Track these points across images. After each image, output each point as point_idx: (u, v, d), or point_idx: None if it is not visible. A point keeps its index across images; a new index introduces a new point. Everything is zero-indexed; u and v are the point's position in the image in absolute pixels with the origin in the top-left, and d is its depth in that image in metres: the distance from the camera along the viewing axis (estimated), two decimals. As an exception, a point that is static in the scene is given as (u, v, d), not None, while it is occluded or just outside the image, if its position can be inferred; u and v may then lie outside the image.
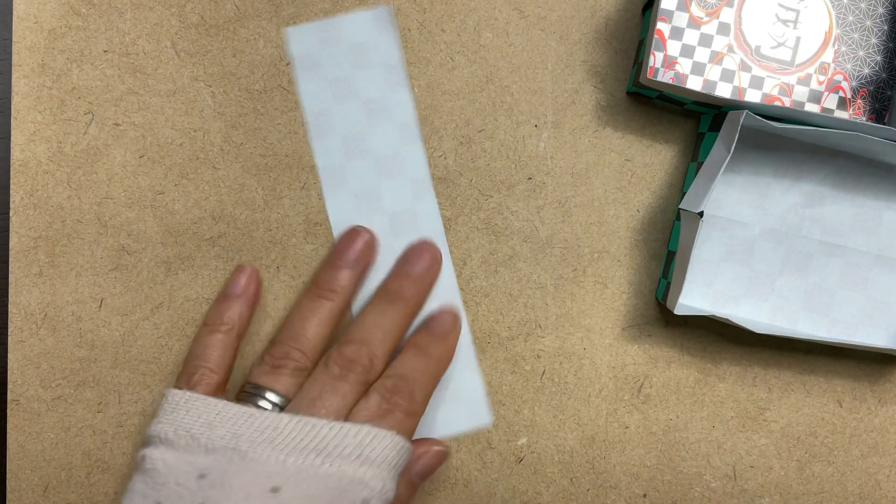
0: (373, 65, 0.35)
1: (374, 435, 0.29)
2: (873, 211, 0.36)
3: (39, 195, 0.35)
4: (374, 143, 0.35)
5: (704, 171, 0.33)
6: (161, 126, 0.36)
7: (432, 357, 0.33)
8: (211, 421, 0.29)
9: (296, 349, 0.32)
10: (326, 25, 0.35)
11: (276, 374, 0.32)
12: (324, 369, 0.31)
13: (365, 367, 0.31)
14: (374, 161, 0.35)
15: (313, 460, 0.28)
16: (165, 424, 0.30)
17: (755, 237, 0.36)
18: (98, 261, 0.36)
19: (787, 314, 0.36)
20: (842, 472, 0.37)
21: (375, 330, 0.32)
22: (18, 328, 0.35)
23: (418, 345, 0.33)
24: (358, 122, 0.35)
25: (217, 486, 0.27)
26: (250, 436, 0.28)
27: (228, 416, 0.29)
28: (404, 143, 0.35)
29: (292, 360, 0.32)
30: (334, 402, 0.30)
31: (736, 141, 0.32)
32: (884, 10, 0.34)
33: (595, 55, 0.36)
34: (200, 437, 0.29)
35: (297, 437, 0.28)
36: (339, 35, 0.35)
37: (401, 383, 0.31)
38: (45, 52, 0.35)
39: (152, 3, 0.35)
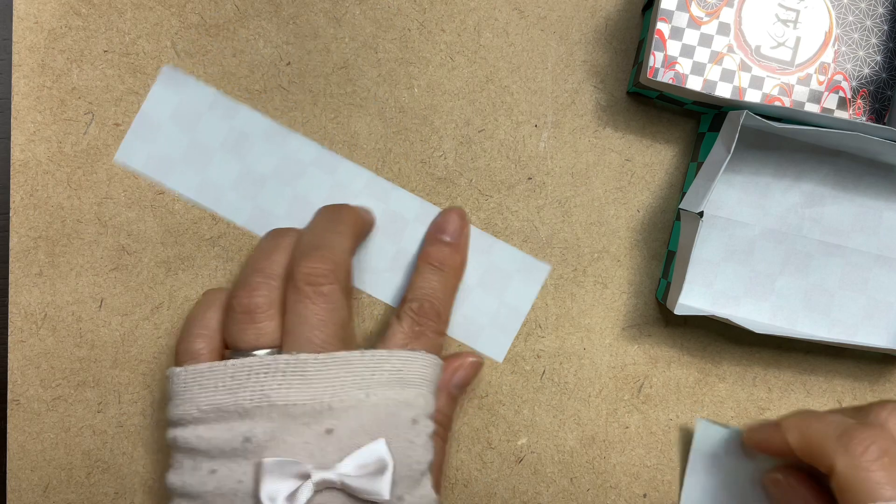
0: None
1: (406, 358, 0.30)
2: (873, 211, 0.36)
3: (39, 195, 0.35)
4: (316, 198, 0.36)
5: (704, 172, 0.33)
6: (280, 125, 0.35)
7: (448, 269, 0.34)
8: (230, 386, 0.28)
9: (262, 281, 0.30)
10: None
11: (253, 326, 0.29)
12: (295, 294, 0.29)
13: (328, 274, 0.29)
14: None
15: (356, 395, 0.28)
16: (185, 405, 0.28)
17: (755, 237, 0.36)
18: (98, 261, 0.36)
19: (787, 314, 0.36)
20: (842, 472, 0.37)
21: (325, 235, 0.31)
22: (18, 328, 0.35)
23: (433, 259, 0.34)
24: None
25: (269, 446, 0.27)
26: (279, 388, 0.28)
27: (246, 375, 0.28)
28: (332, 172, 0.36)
29: (260, 295, 0.29)
30: (328, 329, 0.29)
31: (736, 141, 0.32)
32: (884, 9, 0.34)
33: (595, 55, 0.36)
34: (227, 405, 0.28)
35: (331, 376, 0.28)
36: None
37: (426, 304, 0.32)
38: (45, 52, 0.35)
39: (152, 3, 0.35)
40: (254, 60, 0.36)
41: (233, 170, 0.35)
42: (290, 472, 0.27)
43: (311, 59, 0.36)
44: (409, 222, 0.36)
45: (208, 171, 0.35)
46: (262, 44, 0.36)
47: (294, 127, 0.36)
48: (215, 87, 0.35)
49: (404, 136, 0.36)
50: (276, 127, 0.35)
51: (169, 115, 0.35)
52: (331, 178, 0.36)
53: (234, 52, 0.36)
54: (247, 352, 0.29)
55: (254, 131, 0.35)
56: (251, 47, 0.36)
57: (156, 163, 0.35)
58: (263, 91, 0.36)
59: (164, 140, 0.35)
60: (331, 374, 0.28)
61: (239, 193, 0.35)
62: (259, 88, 0.36)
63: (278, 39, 0.36)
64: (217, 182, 0.35)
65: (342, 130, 0.36)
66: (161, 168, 0.35)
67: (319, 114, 0.36)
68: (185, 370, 0.29)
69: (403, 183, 0.36)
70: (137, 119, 0.35)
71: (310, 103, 0.36)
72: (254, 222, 0.35)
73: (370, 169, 0.36)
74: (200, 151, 0.35)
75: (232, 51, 0.36)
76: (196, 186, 0.35)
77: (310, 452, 0.27)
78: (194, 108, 0.35)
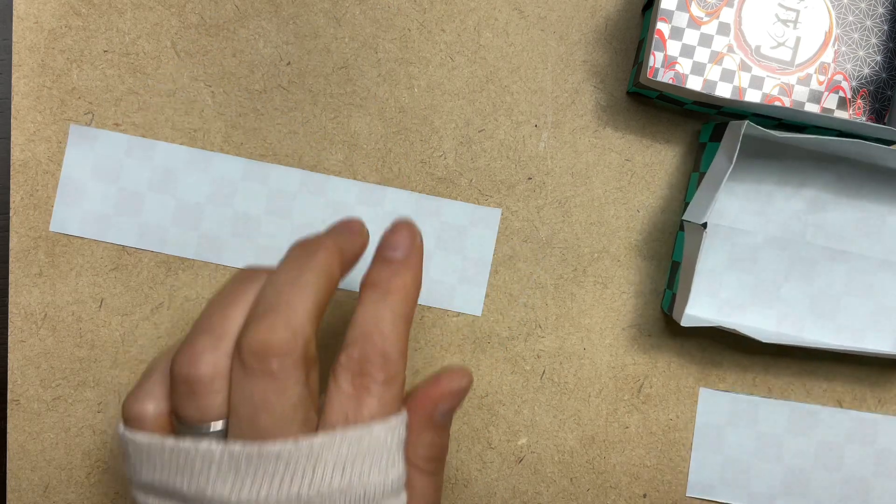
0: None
1: (356, 441, 0.24)
2: (876, 216, 0.36)
3: (39, 195, 0.35)
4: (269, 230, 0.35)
5: (707, 182, 0.33)
6: (161, 126, 0.36)
7: (396, 292, 0.26)
8: (166, 466, 0.24)
9: (208, 349, 0.25)
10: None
11: (190, 402, 0.24)
12: (241, 369, 0.24)
13: (286, 347, 0.24)
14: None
15: (292, 490, 0.23)
16: (133, 471, 0.25)
17: (759, 245, 0.36)
18: (98, 261, 0.36)
19: (793, 321, 0.36)
20: (842, 472, 0.37)
21: (286, 288, 0.25)
22: (18, 328, 0.35)
23: (375, 281, 0.26)
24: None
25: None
26: (212, 481, 0.24)
27: (181, 458, 0.24)
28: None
29: (204, 364, 0.24)
30: (282, 408, 0.24)
31: (738, 152, 0.32)
32: (884, 9, 0.34)
33: (595, 55, 0.36)
34: (167, 486, 0.24)
35: (267, 474, 0.23)
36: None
37: (368, 347, 0.25)
38: (45, 52, 0.35)
39: (152, 3, 0.35)
40: (254, 60, 0.36)
41: (168, 207, 0.35)
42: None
43: (311, 59, 0.36)
44: (353, 206, 0.36)
45: (144, 215, 0.35)
46: (262, 44, 0.36)
47: (294, 127, 0.36)
48: (125, 133, 0.35)
49: (404, 136, 0.36)
50: (196, 153, 0.35)
51: (90, 173, 0.35)
52: (264, 187, 0.36)
53: (234, 52, 0.36)
54: (191, 428, 0.25)
55: (176, 164, 0.35)
56: (251, 47, 0.36)
57: (91, 222, 0.35)
58: (263, 91, 0.36)
59: (92, 198, 0.35)
60: (266, 470, 0.23)
61: (180, 228, 0.35)
62: (259, 88, 0.36)
63: (278, 39, 0.36)
64: (156, 223, 0.35)
65: (342, 130, 0.36)
66: (97, 226, 0.35)
67: (319, 114, 0.36)
68: (128, 438, 0.25)
69: (403, 183, 0.36)
70: (61, 186, 0.35)
71: (310, 103, 0.36)
72: (204, 252, 0.35)
73: (373, 169, 0.36)
74: (131, 199, 0.35)
75: (232, 51, 0.36)
76: (136, 234, 0.35)
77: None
78: (112, 158, 0.35)
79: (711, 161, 0.33)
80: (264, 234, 0.36)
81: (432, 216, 0.36)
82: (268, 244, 0.36)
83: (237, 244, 0.35)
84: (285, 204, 0.36)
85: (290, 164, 0.36)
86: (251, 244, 0.36)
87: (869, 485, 0.36)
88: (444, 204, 0.36)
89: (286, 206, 0.36)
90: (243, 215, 0.36)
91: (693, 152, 0.37)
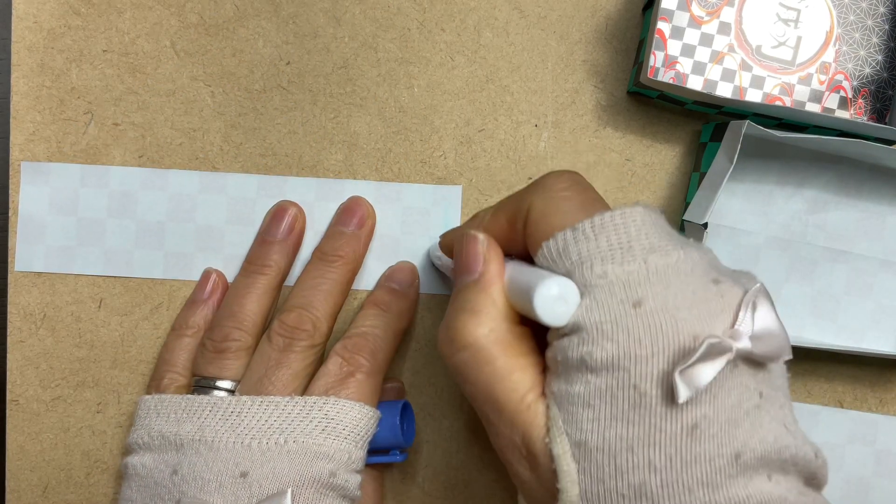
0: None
1: (337, 407, 0.29)
2: (877, 216, 0.36)
3: (39, 195, 0.35)
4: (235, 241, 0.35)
5: (707, 183, 0.33)
6: (160, 126, 0.35)
7: (393, 313, 0.33)
8: (179, 418, 0.30)
9: (235, 328, 0.32)
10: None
11: (220, 361, 0.31)
12: (268, 343, 0.31)
13: (308, 332, 0.31)
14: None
15: (276, 440, 0.28)
16: (140, 430, 0.31)
17: (760, 245, 0.36)
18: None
19: (794, 321, 0.36)
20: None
21: (315, 292, 0.32)
22: (18, 328, 0.35)
23: (377, 302, 0.33)
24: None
25: (189, 480, 0.28)
26: (214, 425, 0.29)
27: (194, 409, 0.30)
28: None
29: (233, 340, 0.31)
30: (284, 376, 0.30)
31: (738, 151, 0.32)
32: (885, 9, 0.34)
33: (595, 55, 0.36)
34: (170, 435, 0.29)
35: (258, 418, 0.29)
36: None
37: (361, 342, 0.31)
38: (44, 51, 0.35)
39: (152, 3, 0.35)
40: (254, 60, 0.36)
41: (129, 231, 0.35)
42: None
43: (311, 59, 0.36)
44: (313, 203, 0.36)
45: (106, 242, 0.35)
46: (262, 43, 0.36)
47: (294, 127, 0.36)
48: (77, 162, 0.35)
49: (404, 136, 0.36)
50: (149, 172, 0.35)
51: (47, 208, 0.35)
52: (223, 196, 0.35)
53: (234, 51, 0.36)
54: (209, 380, 0.31)
55: (131, 187, 0.35)
56: (251, 47, 0.36)
57: (55, 257, 0.35)
58: (263, 91, 0.36)
59: (52, 233, 0.35)
60: (260, 416, 0.29)
61: (145, 250, 0.35)
62: (259, 88, 0.36)
63: (278, 39, 0.36)
64: (119, 249, 0.35)
65: (342, 130, 0.36)
66: (61, 260, 0.35)
67: (319, 114, 0.36)
68: (152, 398, 0.32)
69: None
70: (20, 224, 0.35)
71: (310, 103, 0.36)
72: (171, 270, 0.35)
73: (373, 169, 0.36)
74: (91, 227, 0.35)
75: (232, 51, 0.36)
76: (102, 262, 0.35)
77: (223, 495, 0.27)
78: (67, 190, 0.35)
79: (712, 161, 0.33)
80: (229, 243, 0.35)
81: (394, 202, 0.36)
82: (234, 253, 0.35)
83: (204, 258, 0.35)
84: (246, 210, 0.35)
85: (290, 163, 0.36)
86: (218, 255, 0.35)
87: (869, 484, 0.36)
88: (404, 188, 0.36)
89: (247, 213, 0.35)
90: (206, 228, 0.35)
91: (693, 152, 0.36)
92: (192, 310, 0.34)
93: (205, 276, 0.35)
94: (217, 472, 0.28)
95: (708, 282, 0.23)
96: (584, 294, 0.23)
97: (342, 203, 0.35)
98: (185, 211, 0.35)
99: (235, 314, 0.32)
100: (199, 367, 0.32)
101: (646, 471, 0.22)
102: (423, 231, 0.36)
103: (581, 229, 0.24)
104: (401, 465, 0.36)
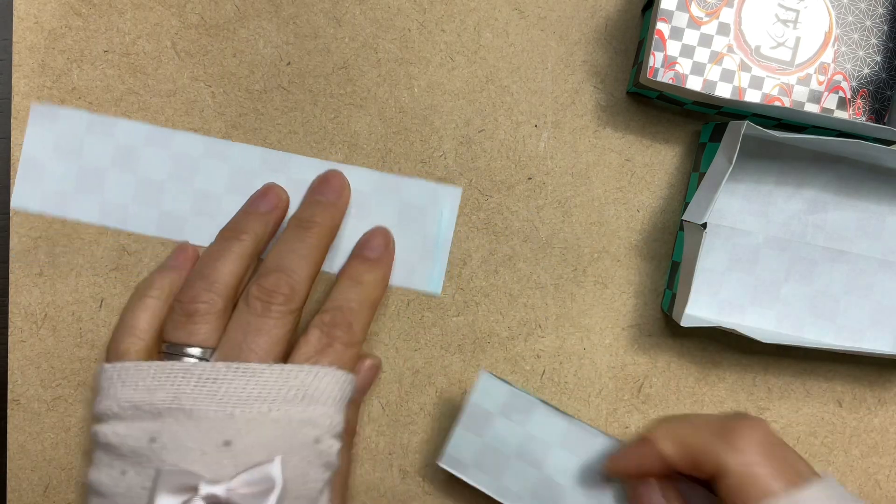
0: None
1: (315, 373, 0.29)
2: (876, 216, 0.36)
3: (40, 195, 0.35)
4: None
5: (706, 183, 0.33)
6: (161, 126, 0.36)
7: (367, 284, 0.33)
8: (149, 386, 0.29)
9: (205, 290, 0.31)
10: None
11: (190, 325, 0.30)
12: (245, 307, 0.30)
13: (286, 295, 0.30)
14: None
15: (259, 408, 0.28)
16: (108, 400, 0.29)
17: (759, 245, 0.36)
18: (98, 261, 0.36)
19: (793, 321, 0.36)
20: (842, 472, 0.37)
21: (292, 256, 0.31)
22: (19, 328, 0.35)
23: (352, 274, 0.33)
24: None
25: (170, 448, 0.28)
26: (190, 392, 0.28)
27: (165, 376, 0.29)
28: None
29: (202, 302, 0.30)
30: (263, 342, 0.30)
31: (738, 152, 0.32)
32: (884, 10, 0.34)
33: (595, 55, 0.36)
34: (143, 404, 0.29)
35: (235, 386, 0.28)
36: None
37: (338, 315, 0.31)
38: (45, 52, 0.35)
39: (152, 3, 0.35)
40: (254, 60, 0.36)
41: (129, 184, 0.35)
42: (182, 483, 0.27)
43: (311, 59, 0.36)
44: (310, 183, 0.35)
45: (105, 192, 0.35)
46: (262, 44, 0.36)
47: (294, 127, 0.36)
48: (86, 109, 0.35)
49: (404, 136, 0.36)
50: (157, 130, 0.35)
51: (51, 151, 0.35)
52: (225, 164, 0.35)
53: (234, 52, 0.36)
54: (179, 346, 0.30)
55: (136, 141, 0.35)
56: (251, 47, 0.36)
57: (52, 200, 0.35)
58: (263, 91, 0.36)
59: (53, 176, 0.35)
60: (239, 383, 0.28)
61: (141, 205, 0.35)
62: (259, 88, 0.36)
63: (278, 39, 0.36)
64: (117, 201, 0.35)
65: (342, 130, 0.36)
66: (58, 203, 0.35)
67: (319, 114, 0.36)
68: (113, 366, 0.30)
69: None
70: (22, 163, 0.35)
71: (310, 103, 0.36)
72: (164, 229, 0.35)
73: (373, 166, 0.36)
74: (92, 176, 0.35)
75: (232, 51, 0.36)
76: (98, 211, 0.35)
77: (206, 463, 0.27)
78: (73, 135, 0.35)
79: (711, 161, 0.33)
80: (224, 212, 0.35)
81: (392, 194, 0.36)
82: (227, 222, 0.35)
83: (198, 222, 0.35)
84: (246, 182, 0.35)
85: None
86: (212, 222, 0.35)
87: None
88: (405, 182, 0.36)
89: (246, 185, 0.35)
90: (204, 193, 0.35)
91: (693, 152, 0.37)
92: (160, 274, 0.33)
93: (180, 247, 0.35)
94: (199, 440, 0.28)
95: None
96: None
97: (318, 175, 0.35)
98: (185, 173, 0.35)
99: (206, 276, 0.31)
100: (168, 333, 0.31)
101: None
102: (418, 228, 0.36)
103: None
104: (401, 464, 0.36)
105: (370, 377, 0.35)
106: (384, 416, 0.36)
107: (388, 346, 0.36)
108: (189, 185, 0.35)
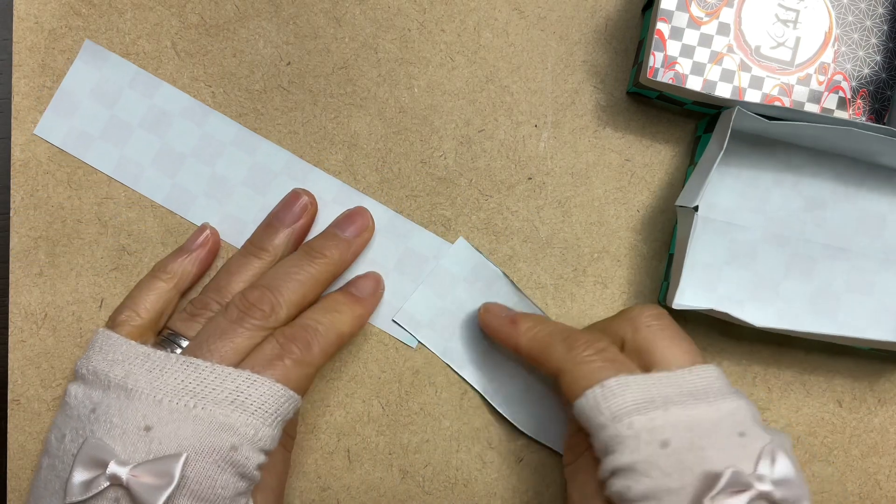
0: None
1: (251, 381, 0.29)
2: (876, 214, 0.36)
3: (39, 195, 0.35)
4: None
5: (699, 169, 0.33)
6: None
7: (342, 314, 0.33)
8: (114, 359, 0.30)
9: (215, 301, 0.32)
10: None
11: (191, 322, 0.32)
12: (223, 312, 0.31)
13: (264, 312, 0.31)
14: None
15: (186, 402, 0.28)
16: (85, 360, 0.31)
17: (757, 241, 0.36)
18: (98, 261, 0.36)
19: (792, 318, 0.36)
20: (841, 471, 0.37)
21: (286, 279, 0.32)
22: (19, 328, 0.35)
23: (330, 302, 0.33)
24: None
25: (101, 421, 0.28)
26: (138, 374, 0.29)
27: (130, 355, 0.30)
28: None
29: (210, 311, 0.32)
30: (225, 348, 0.30)
31: (729, 135, 0.32)
32: (883, 10, 0.34)
33: (595, 55, 0.36)
34: (101, 373, 0.30)
35: (178, 377, 0.29)
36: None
37: (300, 332, 0.31)
38: (45, 52, 0.35)
39: (152, 4, 0.35)
40: (254, 60, 0.36)
41: (152, 147, 0.35)
42: (97, 458, 0.27)
43: (311, 59, 0.36)
44: (327, 203, 0.36)
45: (127, 147, 0.35)
46: (262, 44, 0.36)
47: (294, 127, 0.36)
48: (139, 66, 0.35)
49: (404, 136, 0.36)
50: (196, 105, 0.35)
51: (89, 91, 0.35)
52: (250, 158, 0.36)
53: (234, 52, 0.36)
54: (176, 335, 0.32)
55: (173, 109, 0.35)
56: (251, 47, 0.36)
57: (75, 138, 0.35)
58: (263, 91, 0.36)
59: (83, 116, 0.35)
60: (180, 375, 0.29)
61: (157, 171, 0.35)
62: (259, 88, 0.36)
63: (278, 39, 0.36)
64: (136, 159, 0.35)
65: (342, 130, 0.36)
66: (80, 144, 0.35)
67: (319, 114, 0.36)
68: (104, 332, 0.32)
69: (403, 183, 0.36)
70: (58, 93, 0.35)
71: (310, 103, 0.36)
72: (172, 200, 0.36)
73: (373, 169, 0.36)
74: (119, 128, 0.35)
75: (232, 51, 0.36)
76: (114, 163, 0.35)
77: (124, 443, 0.28)
78: (115, 84, 0.35)
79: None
80: (234, 202, 0.35)
81: (400, 238, 0.36)
82: (233, 213, 0.35)
83: (206, 203, 0.35)
84: (264, 180, 0.36)
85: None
86: (219, 208, 0.36)
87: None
88: (415, 230, 0.36)
89: (263, 183, 0.36)
90: (220, 179, 0.35)
91: (692, 152, 0.37)
92: (175, 257, 0.34)
93: (200, 228, 0.35)
94: (125, 419, 0.28)
95: (733, 433, 0.28)
96: (619, 444, 0.28)
97: (347, 210, 0.35)
98: (209, 153, 0.36)
99: (221, 289, 0.33)
100: (172, 321, 0.33)
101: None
102: (414, 275, 0.36)
103: (608, 386, 0.28)
104: (401, 464, 0.36)
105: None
106: (384, 416, 0.36)
107: (388, 346, 0.36)
108: (209, 167, 0.35)
